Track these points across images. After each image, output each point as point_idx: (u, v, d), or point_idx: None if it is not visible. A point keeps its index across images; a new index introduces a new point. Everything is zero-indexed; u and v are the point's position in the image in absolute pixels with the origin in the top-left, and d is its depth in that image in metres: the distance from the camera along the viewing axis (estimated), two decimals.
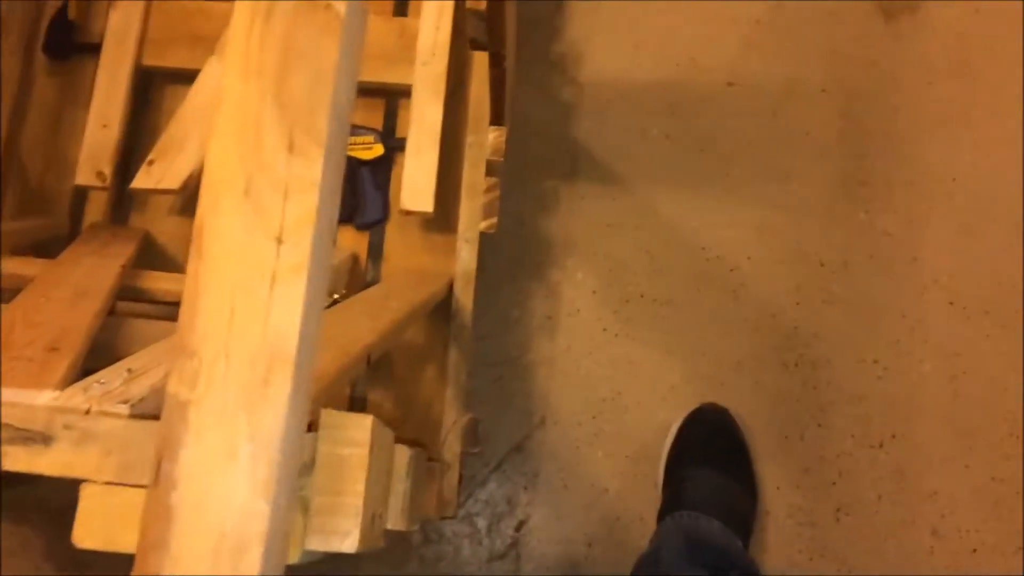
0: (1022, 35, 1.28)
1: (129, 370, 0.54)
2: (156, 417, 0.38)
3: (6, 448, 0.43)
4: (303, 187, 0.35)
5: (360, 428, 0.40)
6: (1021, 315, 1.20)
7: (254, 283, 0.34)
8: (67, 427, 0.44)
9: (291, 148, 0.35)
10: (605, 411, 1.16)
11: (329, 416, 0.40)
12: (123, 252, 0.92)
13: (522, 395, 1.17)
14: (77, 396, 0.50)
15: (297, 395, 0.35)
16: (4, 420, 0.44)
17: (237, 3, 0.37)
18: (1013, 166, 1.24)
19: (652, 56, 1.28)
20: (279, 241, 0.35)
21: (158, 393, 0.56)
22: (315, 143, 0.36)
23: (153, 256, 1.05)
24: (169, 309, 0.93)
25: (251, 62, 0.36)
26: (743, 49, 1.28)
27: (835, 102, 1.26)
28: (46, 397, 0.49)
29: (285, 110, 0.36)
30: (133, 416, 0.44)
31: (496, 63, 0.93)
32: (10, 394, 0.48)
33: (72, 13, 1.08)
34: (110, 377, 0.52)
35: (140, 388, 0.51)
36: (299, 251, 0.35)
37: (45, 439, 0.44)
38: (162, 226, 1.07)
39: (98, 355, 0.65)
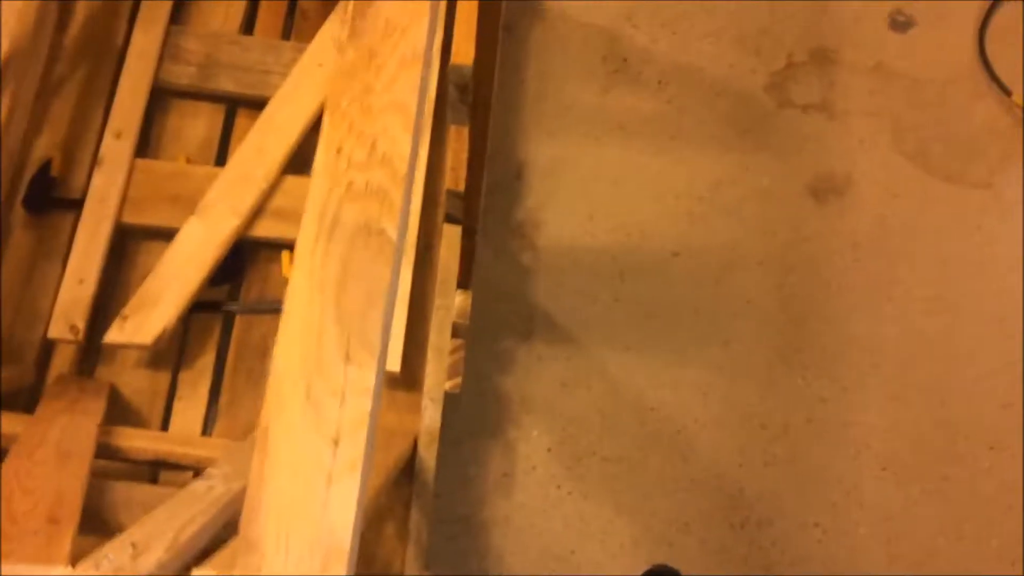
0: (935, 217, 1.41)
1: (133, 545, 0.56)
2: None
3: None
4: (358, 392, 0.39)
5: None
6: (947, 481, 1.27)
7: (313, 481, 0.38)
8: None
9: (348, 358, 0.40)
10: (559, 569, 1.18)
11: None
12: (94, 409, 0.93)
13: (477, 554, 1.18)
14: (89, 571, 0.51)
15: None
16: None
17: (305, 218, 0.41)
18: (933, 338, 1.34)
19: (605, 225, 1.37)
20: (335, 443, 0.39)
21: (165, 568, 0.58)
22: (369, 353, 0.40)
23: (120, 409, 1.05)
24: (143, 469, 0.93)
25: (315, 277, 0.40)
26: (688, 222, 1.38)
27: (772, 274, 1.36)
28: (59, 571, 0.50)
29: (343, 323, 0.40)
30: None
31: (469, 235, 0.99)
32: (24, 569, 0.50)
33: (54, 169, 1.12)
34: (117, 553, 0.54)
35: (148, 564, 0.53)
36: (354, 451, 0.39)
37: None
38: (129, 379, 1.08)
39: (86, 520, 0.66)
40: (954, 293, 1.37)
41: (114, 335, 1.02)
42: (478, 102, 0.75)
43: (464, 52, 0.68)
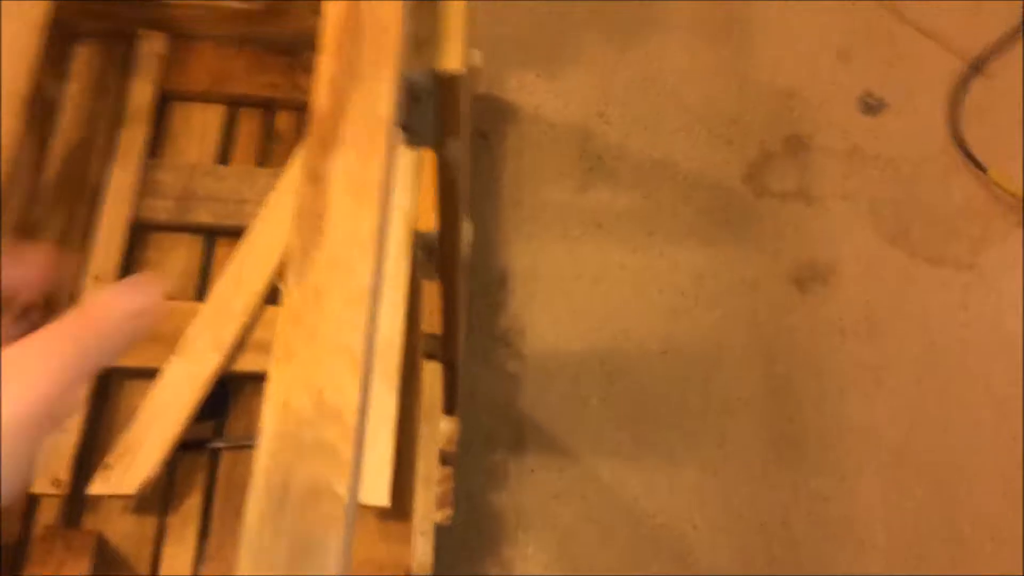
0: (920, 299, 1.41)
1: None
2: None
3: None
4: None
5: None
6: (954, 567, 1.25)
7: None
8: None
9: None
10: None
11: None
12: (81, 566, 0.92)
13: None
14: None
15: None
16: None
17: (253, 485, 0.40)
18: (927, 421, 1.33)
19: (589, 327, 1.37)
20: None
21: None
22: None
23: (108, 558, 1.04)
24: None
25: (264, 558, 0.39)
26: (672, 318, 1.38)
27: (760, 367, 1.36)
28: None
29: None
30: None
31: (450, 368, 0.99)
32: None
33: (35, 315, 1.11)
34: None
35: None
36: None
37: None
38: (116, 526, 1.06)
39: None
40: (944, 374, 1.36)
41: (98, 487, 1.01)
42: (445, 256, 0.75)
43: (427, 219, 0.68)
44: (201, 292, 1.22)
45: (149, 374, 1.10)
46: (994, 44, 1.60)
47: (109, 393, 1.13)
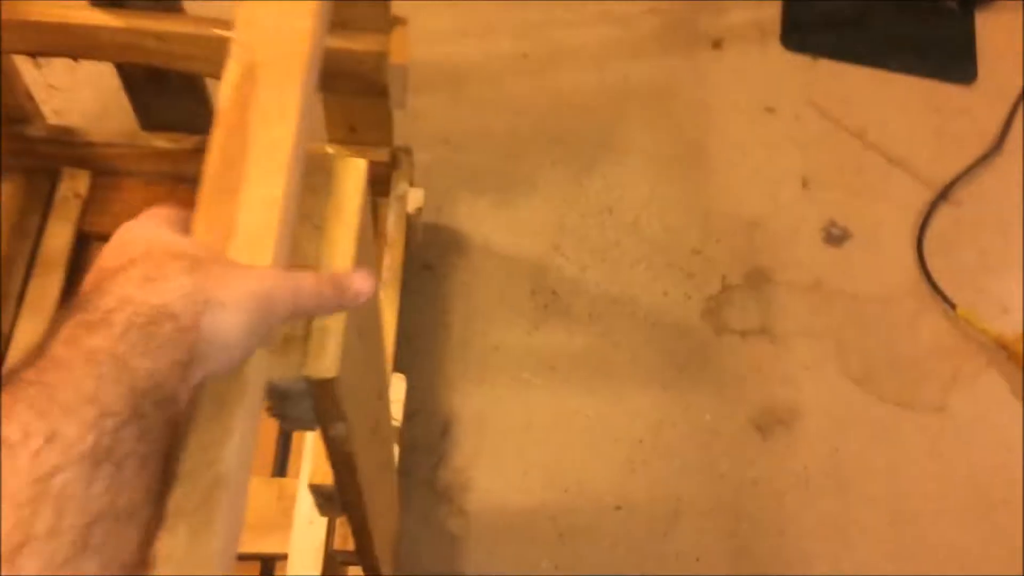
0: (889, 446, 1.34)
1: None
2: None
3: None
4: None
5: None
6: None
7: None
8: None
9: None
10: None
11: None
12: None
13: None
14: None
15: None
16: None
17: None
18: None
19: (539, 481, 1.28)
20: None
21: None
22: None
23: None
24: None
25: None
26: (628, 470, 1.30)
27: (722, 523, 1.27)
28: None
29: None
30: None
31: (371, 568, 0.90)
32: None
33: None
34: None
35: None
36: None
37: None
38: None
39: None
40: (914, 531, 1.29)
41: None
42: (347, 503, 0.67)
43: (322, 472, 0.61)
44: None
45: None
46: (962, 171, 1.55)
47: None
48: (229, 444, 0.40)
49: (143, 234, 0.41)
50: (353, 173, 0.51)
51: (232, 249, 0.45)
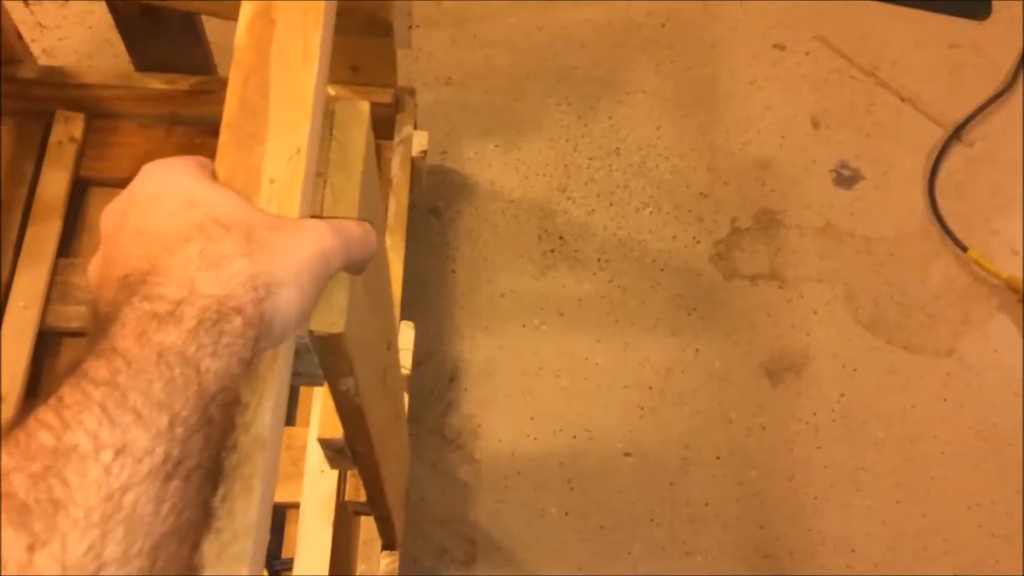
0: (898, 391, 1.33)
1: None
2: None
3: None
4: None
5: None
6: None
7: None
8: None
9: None
10: None
11: None
12: None
13: None
14: None
15: None
16: None
17: None
18: (906, 530, 1.25)
19: (548, 428, 1.27)
20: None
21: None
22: None
23: None
24: None
25: None
26: (638, 417, 1.29)
27: (731, 469, 1.27)
28: None
29: None
30: None
31: (384, 519, 0.89)
32: None
33: None
34: None
35: None
36: None
37: None
38: None
39: None
40: (923, 476, 1.29)
41: None
42: (357, 455, 0.65)
43: (331, 425, 0.59)
44: None
45: None
46: (975, 110, 1.52)
47: None
48: (264, 406, 0.38)
49: (183, 191, 0.38)
50: (357, 118, 0.48)
51: (259, 202, 0.43)
